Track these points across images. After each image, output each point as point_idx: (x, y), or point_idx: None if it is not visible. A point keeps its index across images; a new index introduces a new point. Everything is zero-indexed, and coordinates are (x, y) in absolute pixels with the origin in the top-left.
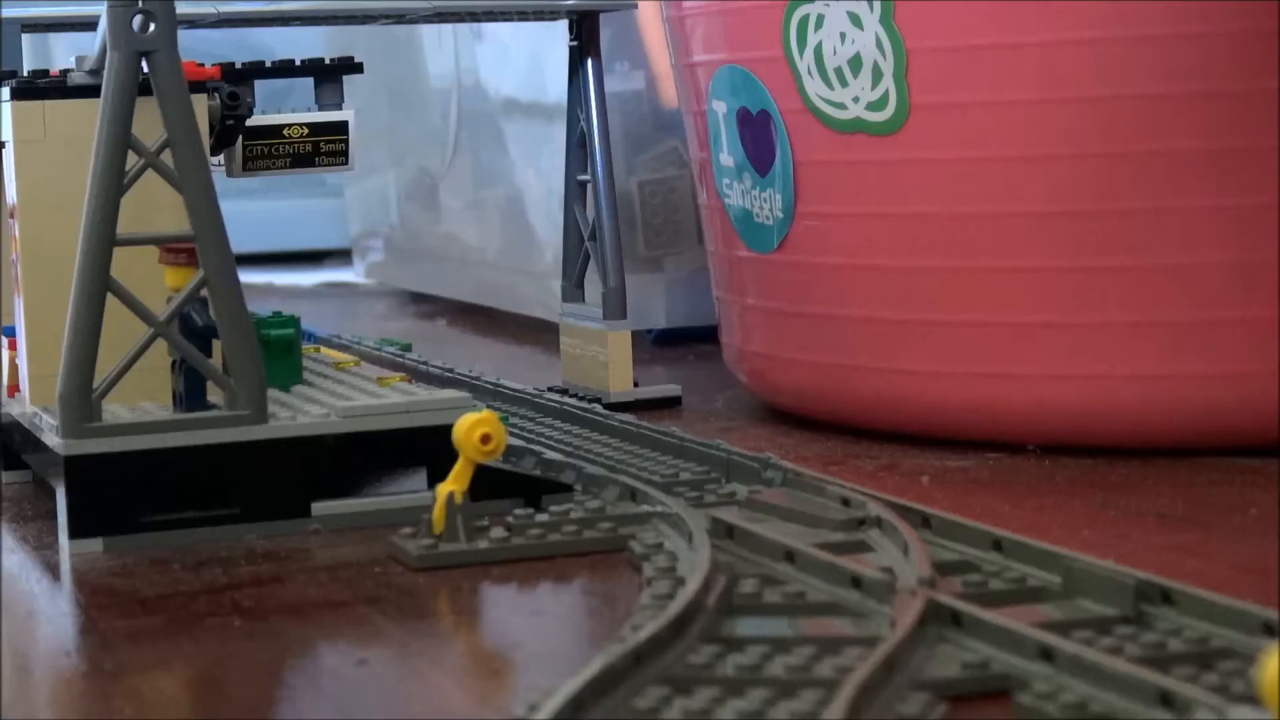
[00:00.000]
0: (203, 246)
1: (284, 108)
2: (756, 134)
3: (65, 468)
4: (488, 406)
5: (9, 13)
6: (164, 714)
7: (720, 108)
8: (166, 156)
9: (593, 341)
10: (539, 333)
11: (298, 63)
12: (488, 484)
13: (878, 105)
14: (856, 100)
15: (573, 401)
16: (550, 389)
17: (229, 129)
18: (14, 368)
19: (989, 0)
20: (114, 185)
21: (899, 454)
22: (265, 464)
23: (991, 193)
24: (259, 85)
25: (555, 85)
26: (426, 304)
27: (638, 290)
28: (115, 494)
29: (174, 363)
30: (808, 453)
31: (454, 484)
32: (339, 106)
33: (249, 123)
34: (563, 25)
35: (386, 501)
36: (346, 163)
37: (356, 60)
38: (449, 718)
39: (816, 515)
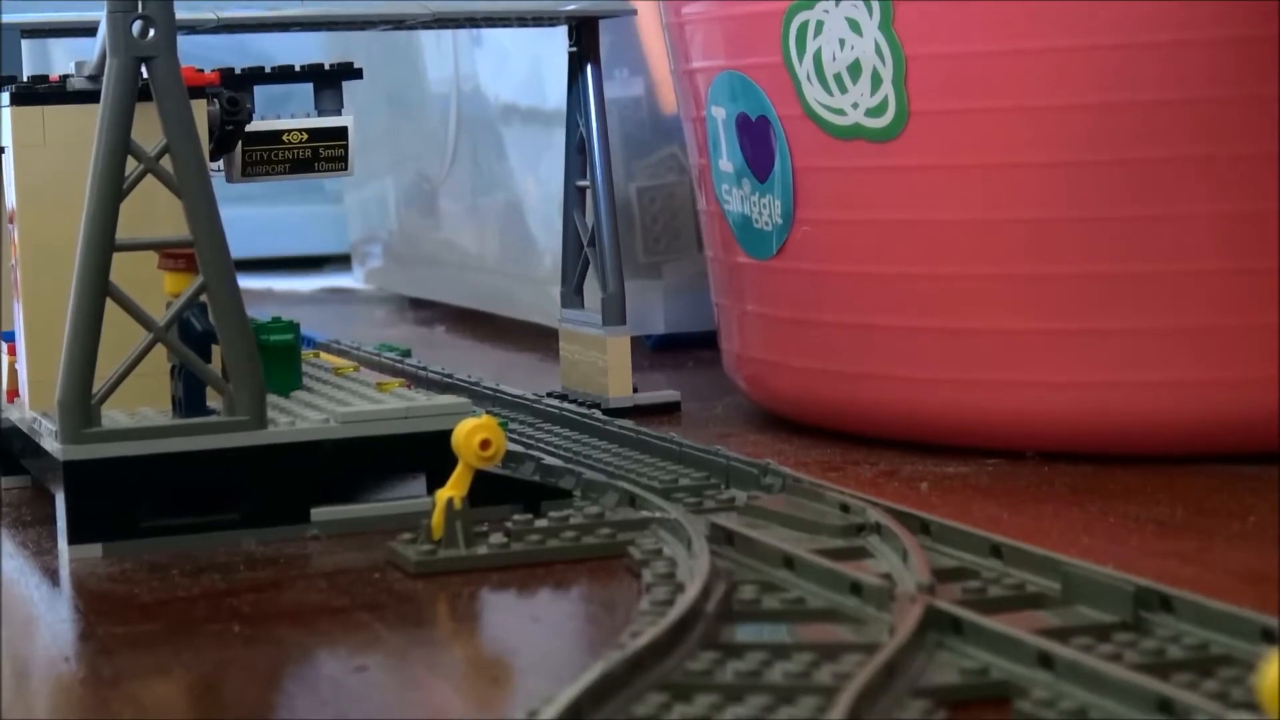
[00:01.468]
0: (202, 252)
1: (283, 113)
2: (756, 140)
3: (64, 473)
4: (487, 412)
5: (8, 18)
6: None
7: (719, 113)
8: (166, 162)
9: (592, 347)
10: (538, 338)
11: (297, 68)
12: (487, 489)
13: (877, 111)
14: (855, 106)
15: (572, 407)
16: (549, 394)
17: (228, 134)
18: (13, 372)
19: (988, 3)
20: (113, 190)
21: (898, 460)
22: (264, 469)
23: (990, 199)
24: (258, 90)
25: (555, 91)
26: (425, 309)
27: (637, 296)
28: (114, 499)
29: (173, 368)
30: (807, 458)
31: (453, 489)
32: (338, 112)
33: (248, 128)
34: (562, 31)
35: (386, 507)
36: (346, 168)
37: (356, 66)
38: None
39: (815, 521)
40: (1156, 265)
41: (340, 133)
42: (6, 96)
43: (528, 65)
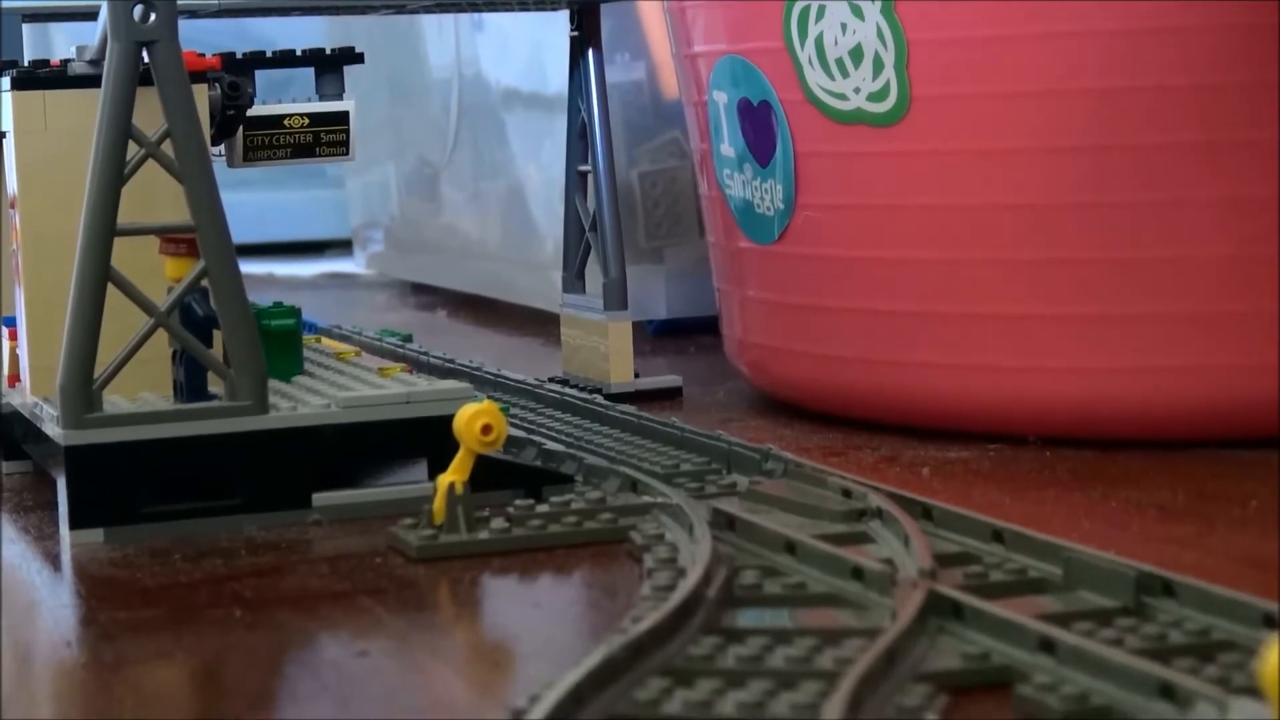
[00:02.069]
0: (203, 237)
1: (284, 98)
2: (757, 125)
3: (66, 458)
4: (488, 397)
5: (10, 3)
6: (165, 705)
7: (721, 98)
8: (167, 147)
9: (593, 332)
10: (540, 324)
11: (298, 53)
12: (488, 475)
13: (879, 96)
14: (858, 91)
15: (573, 392)
16: (551, 380)
17: (230, 119)
18: (15, 358)
19: None
20: (114, 175)
21: (900, 445)
22: (266, 455)
23: (992, 185)
24: (259, 75)
25: (556, 76)
26: (427, 295)
27: (638, 281)
28: (116, 484)
29: (175, 353)
30: (808, 444)
31: (455, 475)
32: (340, 97)
33: (250, 113)
34: (564, 15)
35: (387, 492)
36: (347, 153)
37: (357, 50)
38: (449, 709)
39: (817, 506)
40: (1159, 251)
41: (342, 117)
42: (8, 81)
43: (529, 50)
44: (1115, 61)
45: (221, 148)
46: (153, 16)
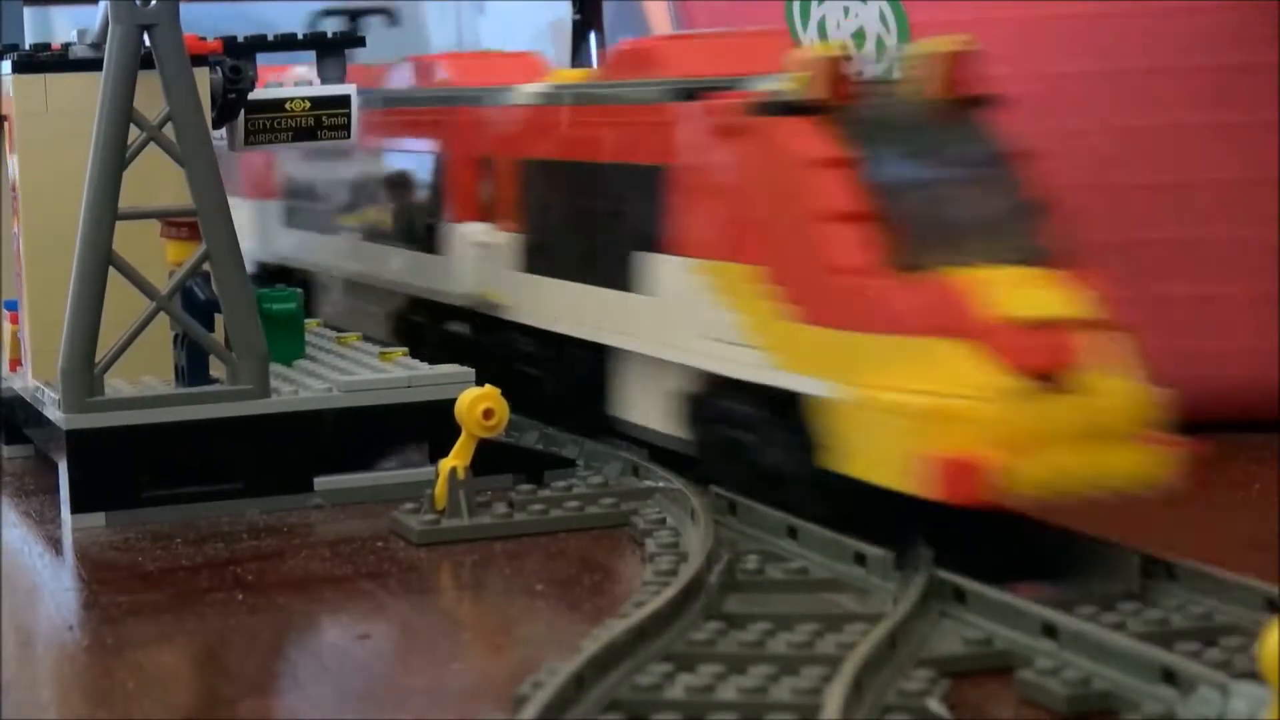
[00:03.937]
0: (205, 221)
1: (285, 81)
2: None
3: (67, 442)
4: (489, 382)
5: None
6: (166, 688)
7: None
8: (169, 130)
9: None
10: None
11: (300, 36)
12: (490, 459)
13: None
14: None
15: None
16: None
17: (231, 103)
18: (16, 341)
19: None
20: (116, 159)
21: None
22: (267, 439)
23: None
24: (260, 59)
25: (558, 60)
26: None
27: None
28: (117, 468)
29: (176, 337)
30: None
31: (456, 459)
32: (341, 80)
33: (251, 96)
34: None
35: (389, 476)
36: (349, 136)
37: (359, 34)
38: (450, 693)
39: None
40: (1161, 233)
41: (343, 101)
42: (9, 65)
43: (531, 34)
44: (1121, 40)
45: (223, 131)
46: (154, 0)
